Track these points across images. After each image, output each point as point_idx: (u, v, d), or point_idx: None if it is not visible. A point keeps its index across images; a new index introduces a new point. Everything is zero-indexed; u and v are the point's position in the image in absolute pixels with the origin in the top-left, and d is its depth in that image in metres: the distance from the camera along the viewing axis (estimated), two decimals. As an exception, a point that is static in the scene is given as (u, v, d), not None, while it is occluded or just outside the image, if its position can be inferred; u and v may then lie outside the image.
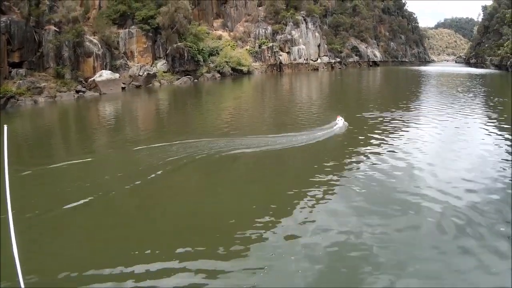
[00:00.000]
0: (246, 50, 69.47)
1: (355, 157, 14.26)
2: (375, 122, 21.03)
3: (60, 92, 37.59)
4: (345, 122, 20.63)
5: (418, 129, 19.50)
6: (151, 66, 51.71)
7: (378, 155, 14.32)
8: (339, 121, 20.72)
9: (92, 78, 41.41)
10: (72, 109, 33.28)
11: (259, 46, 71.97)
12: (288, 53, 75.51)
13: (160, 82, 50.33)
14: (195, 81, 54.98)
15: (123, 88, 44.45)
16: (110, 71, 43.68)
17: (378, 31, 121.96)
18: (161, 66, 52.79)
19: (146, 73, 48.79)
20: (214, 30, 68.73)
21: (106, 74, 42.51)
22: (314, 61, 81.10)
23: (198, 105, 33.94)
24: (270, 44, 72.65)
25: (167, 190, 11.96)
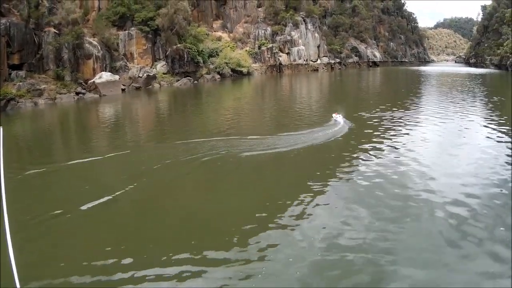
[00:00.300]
0: (246, 51, 69.40)
1: (356, 158, 14.19)
2: (375, 122, 20.95)
3: (60, 94, 37.58)
4: (346, 121, 20.64)
5: (418, 129, 19.42)
6: (151, 68, 51.71)
7: (379, 156, 14.27)
8: (338, 118, 20.82)
9: (92, 80, 41.43)
10: (72, 111, 33.26)
11: (259, 47, 71.95)
12: (287, 54, 75.48)
13: (160, 84, 50.32)
14: (195, 82, 54.98)
15: (123, 89, 44.46)
16: (110, 73, 43.71)
17: (377, 32, 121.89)
18: (160, 67, 52.78)
19: (146, 74, 48.78)
20: (214, 31, 68.72)
21: (106, 76, 42.54)
22: (314, 61, 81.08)
23: (199, 106, 33.91)
24: (270, 45, 72.63)
25: (168, 191, 11.91)
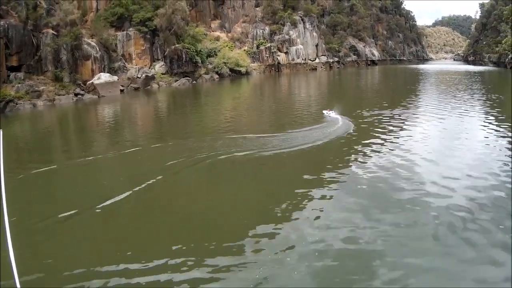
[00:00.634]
0: (244, 50, 69.45)
1: (356, 156, 14.22)
2: (375, 121, 21.01)
3: (58, 95, 37.57)
4: (343, 116, 20.75)
5: (418, 127, 19.48)
6: (150, 68, 51.67)
7: (379, 155, 14.30)
8: (331, 114, 21.31)
9: (90, 81, 41.39)
10: (71, 112, 33.26)
11: (257, 47, 71.96)
12: (286, 53, 75.44)
13: (158, 84, 50.30)
14: (194, 82, 54.96)
15: (122, 90, 44.40)
16: (108, 74, 43.69)
17: (375, 30, 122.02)
18: (159, 68, 52.76)
19: (144, 75, 48.74)
20: (212, 31, 68.71)
21: (104, 77, 42.51)
22: (312, 61, 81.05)
23: (198, 106, 33.98)
24: (268, 44, 72.63)
25: (169, 191, 11.95)
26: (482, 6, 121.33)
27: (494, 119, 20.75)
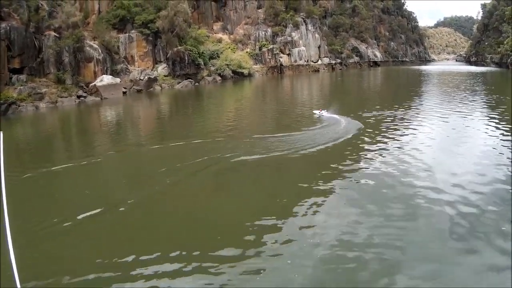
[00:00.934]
0: (247, 52, 69.35)
1: (359, 157, 14.15)
2: (379, 121, 20.87)
3: (61, 97, 37.40)
4: (344, 117, 20.58)
5: (421, 127, 19.34)
6: (152, 70, 51.47)
7: (382, 155, 14.23)
8: (324, 113, 21.94)
9: (93, 83, 41.21)
10: (74, 114, 33.09)
11: (260, 49, 71.81)
12: (288, 55, 75.29)
13: (161, 86, 50.07)
14: (196, 84, 54.76)
15: (124, 92, 44.19)
16: (111, 76, 43.48)
17: (378, 31, 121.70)
18: (161, 70, 52.55)
19: (147, 77, 48.58)
20: (214, 33, 68.65)
21: (107, 79, 42.30)
22: (315, 62, 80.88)
23: (201, 108, 33.73)
24: (270, 46, 72.46)
25: (171, 193, 11.72)
26: (483, 6, 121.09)
27: (497, 120, 20.60)
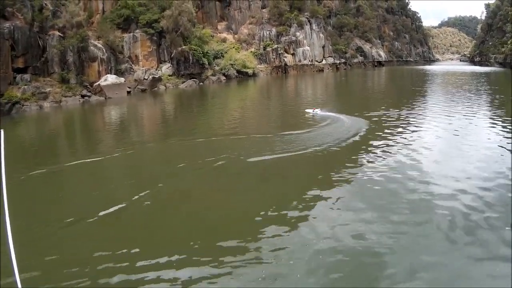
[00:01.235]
0: (251, 52, 68.92)
1: (364, 155, 13.97)
2: (383, 121, 20.64)
3: (65, 97, 37.20)
4: (355, 118, 20.63)
5: (426, 127, 19.10)
6: (156, 70, 51.20)
7: (386, 155, 13.95)
8: (318, 111, 22.65)
9: (97, 83, 41.00)
10: (78, 113, 32.80)
11: (264, 48, 71.37)
12: (292, 54, 74.79)
13: (165, 86, 49.79)
14: (201, 84, 54.50)
15: (129, 92, 43.95)
16: (115, 75, 43.26)
17: (382, 31, 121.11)
18: (166, 69, 52.26)
19: (151, 77, 48.32)
20: (219, 33, 68.31)
21: (111, 79, 42.09)
22: (319, 62, 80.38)
23: (205, 108, 33.42)
24: (275, 46, 71.99)
25: (177, 192, 11.49)
26: (487, 6, 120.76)
27: (501, 119, 20.30)
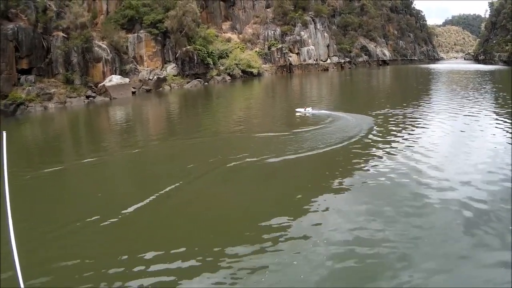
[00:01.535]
0: (256, 52, 68.50)
1: (369, 155, 13.60)
2: (388, 120, 20.26)
3: (70, 97, 36.80)
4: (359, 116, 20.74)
5: (431, 126, 18.72)
6: (161, 70, 50.80)
7: (392, 155, 13.66)
8: (310, 110, 22.88)
9: (102, 83, 40.64)
10: (83, 114, 32.41)
11: (269, 48, 71.03)
12: (297, 54, 74.44)
13: (170, 86, 49.39)
14: (206, 84, 54.08)
15: (133, 92, 43.57)
16: (119, 76, 42.88)
17: (386, 30, 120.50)
18: (171, 69, 51.86)
19: (156, 77, 47.96)
20: (223, 32, 67.89)
21: (116, 79, 41.72)
22: (324, 61, 79.96)
23: (210, 107, 32.97)
24: (279, 45, 71.65)
25: (184, 195, 11.02)
26: (491, 4, 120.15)
27: (506, 118, 19.78)
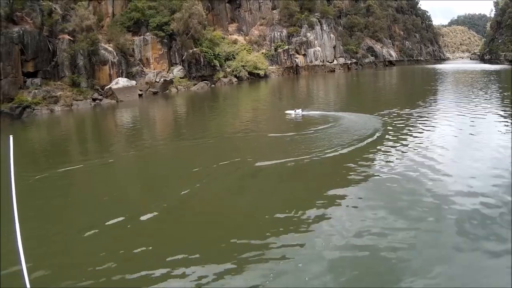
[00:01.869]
0: (262, 53, 68.05)
1: (376, 155, 13.36)
2: (395, 120, 19.81)
3: (76, 100, 36.34)
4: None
5: (438, 126, 18.36)
6: (168, 73, 50.34)
7: (399, 155, 13.30)
8: (299, 111, 22.87)
9: (108, 86, 40.14)
10: (89, 117, 31.83)
11: (275, 49, 70.54)
12: (304, 55, 73.86)
13: (177, 88, 48.87)
14: (212, 86, 53.56)
15: (140, 95, 43.05)
16: (126, 79, 42.36)
17: (392, 31, 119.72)
18: (177, 72, 51.39)
19: (162, 79, 47.45)
20: (229, 34, 67.46)
21: (122, 82, 41.22)
22: (330, 62, 79.28)
23: (218, 109, 32.33)
24: (286, 47, 71.11)
25: (195, 199, 10.61)
26: (496, 4, 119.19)
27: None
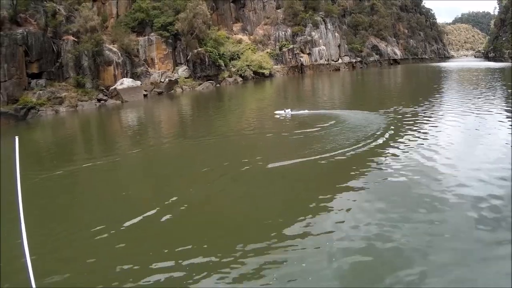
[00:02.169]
0: (267, 53, 67.56)
1: (379, 154, 13.05)
2: (400, 118, 19.41)
3: (81, 101, 36.14)
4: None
5: (443, 124, 17.77)
6: (172, 73, 50.08)
7: (404, 154, 12.93)
8: (288, 111, 22.52)
9: (113, 87, 39.89)
10: (94, 117, 31.50)
11: (280, 49, 70.07)
12: (309, 54, 73.28)
13: (182, 88, 48.57)
14: (217, 86, 53.21)
15: (145, 95, 42.81)
16: (131, 79, 42.14)
17: (397, 29, 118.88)
18: (182, 72, 51.11)
19: (167, 79, 47.19)
20: (234, 34, 67.09)
21: (127, 82, 40.98)
22: (335, 61, 78.73)
23: (223, 109, 31.82)
24: (291, 46, 70.59)
25: (202, 200, 10.29)
26: (500, 2, 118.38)
27: None
